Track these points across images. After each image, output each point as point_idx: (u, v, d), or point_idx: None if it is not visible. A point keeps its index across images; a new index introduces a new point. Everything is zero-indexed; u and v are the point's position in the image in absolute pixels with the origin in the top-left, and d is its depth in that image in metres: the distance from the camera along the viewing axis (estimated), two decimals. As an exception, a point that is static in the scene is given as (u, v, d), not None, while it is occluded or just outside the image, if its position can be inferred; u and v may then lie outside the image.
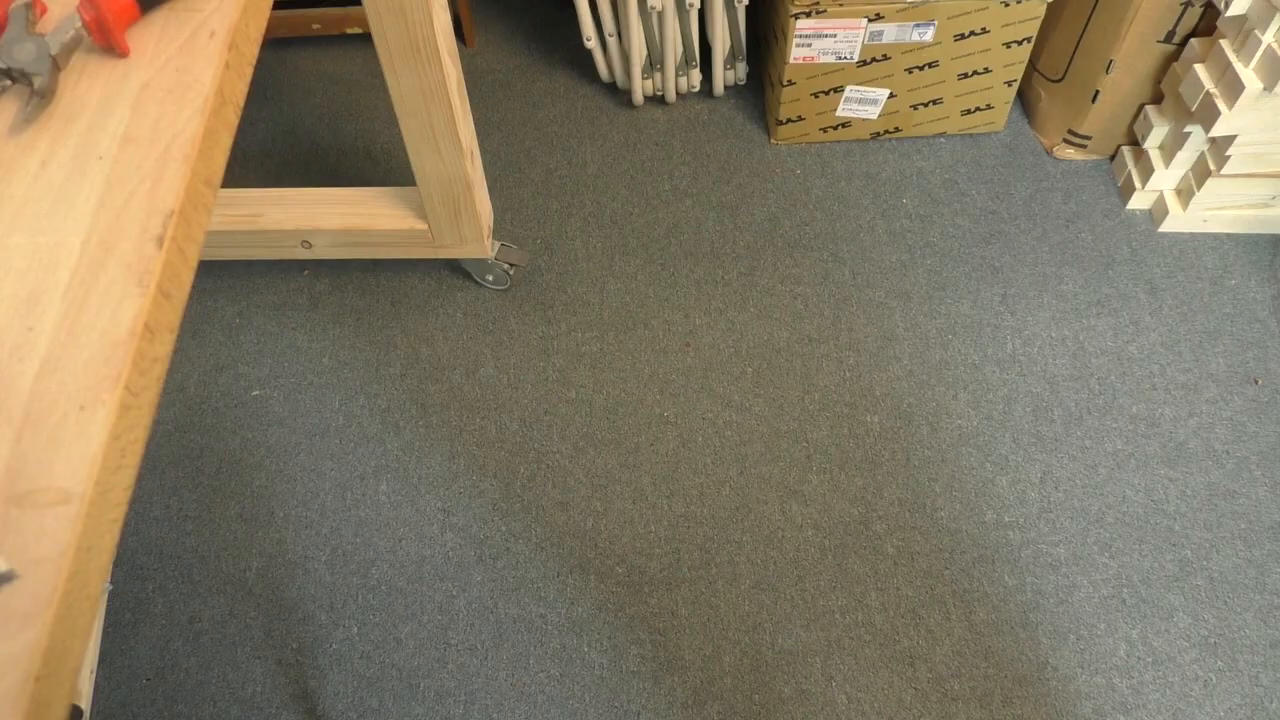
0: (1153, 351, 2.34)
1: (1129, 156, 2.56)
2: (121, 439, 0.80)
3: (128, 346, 0.81)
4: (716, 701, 1.98)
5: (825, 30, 2.40)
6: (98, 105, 0.96)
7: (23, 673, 0.70)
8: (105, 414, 0.79)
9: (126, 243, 0.87)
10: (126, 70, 0.98)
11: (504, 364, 2.37)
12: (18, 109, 0.96)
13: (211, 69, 0.96)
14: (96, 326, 0.83)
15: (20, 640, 0.71)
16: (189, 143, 0.92)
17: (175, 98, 0.95)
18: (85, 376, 0.81)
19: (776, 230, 2.55)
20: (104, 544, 0.78)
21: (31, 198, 0.90)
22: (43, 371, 0.81)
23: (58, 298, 0.84)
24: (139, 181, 0.90)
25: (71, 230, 0.88)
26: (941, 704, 1.97)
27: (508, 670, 2.03)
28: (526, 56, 2.95)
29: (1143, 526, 2.14)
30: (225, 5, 1.01)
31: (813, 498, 2.18)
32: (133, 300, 0.84)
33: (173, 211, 0.88)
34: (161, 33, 1.00)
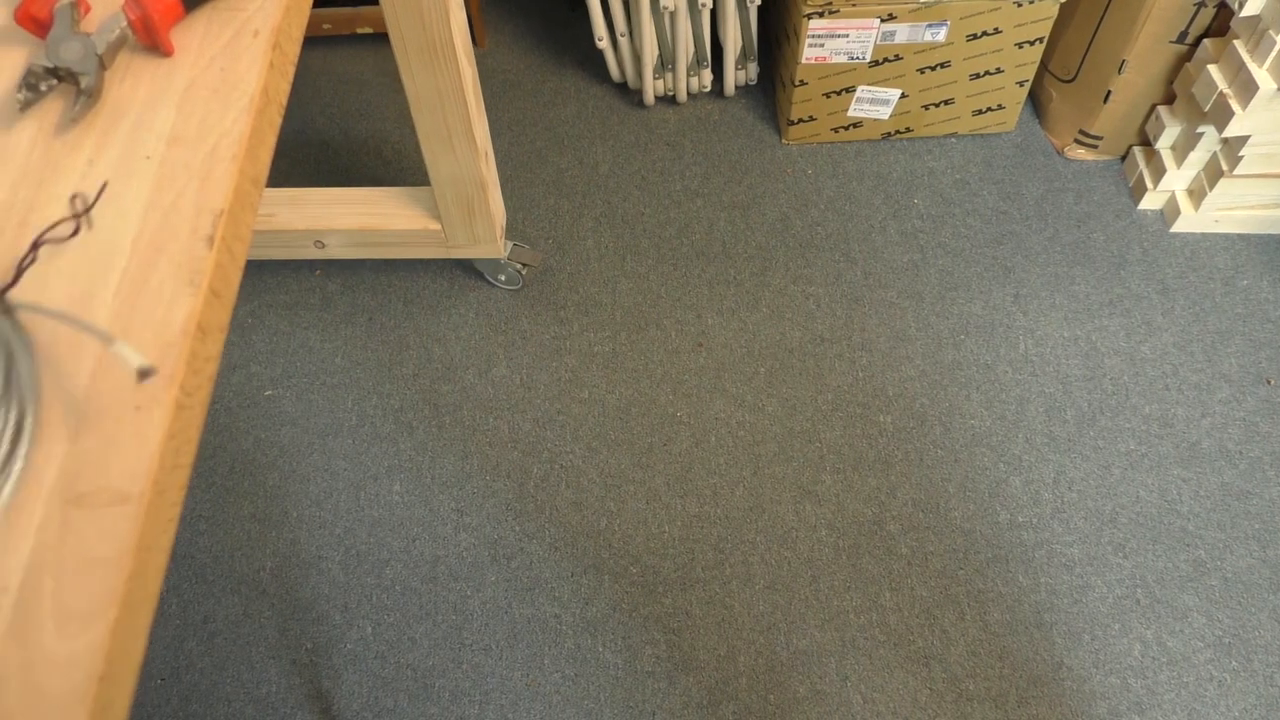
0: (1165, 352, 2.34)
1: (1140, 157, 2.56)
2: (176, 439, 0.80)
3: (181, 346, 0.81)
4: (731, 702, 1.98)
5: (838, 30, 2.40)
6: (143, 104, 0.96)
7: (86, 673, 0.70)
8: (161, 414, 0.79)
9: (176, 242, 0.87)
10: (171, 69, 0.98)
11: (517, 364, 2.37)
12: (63, 108, 0.96)
13: (256, 68, 0.96)
14: (149, 326, 0.83)
15: (83, 641, 0.71)
16: (236, 142, 0.92)
17: (220, 97, 0.95)
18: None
19: (788, 230, 2.55)
20: (162, 543, 0.78)
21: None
22: (97, 371, 0.81)
23: (109, 297, 0.84)
24: (187, 181, 0.90)
25: (122, 230, 0.88)
26: (957, 704, 1.97)
27: (522, 670, 2.02)
28: (537, 56, 2.95)
29: (1156, 527, 2.13)
30: (268, 5, 1.01)
31: (826, 498, 2.18)
32: (184, 300, 0.84)
33: (222, 211, 0.88)
34: (205, 32, 1.00)
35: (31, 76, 0.93)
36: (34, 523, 0.75)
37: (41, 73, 0.93)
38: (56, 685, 0.70)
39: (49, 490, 0.76)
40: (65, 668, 0.70)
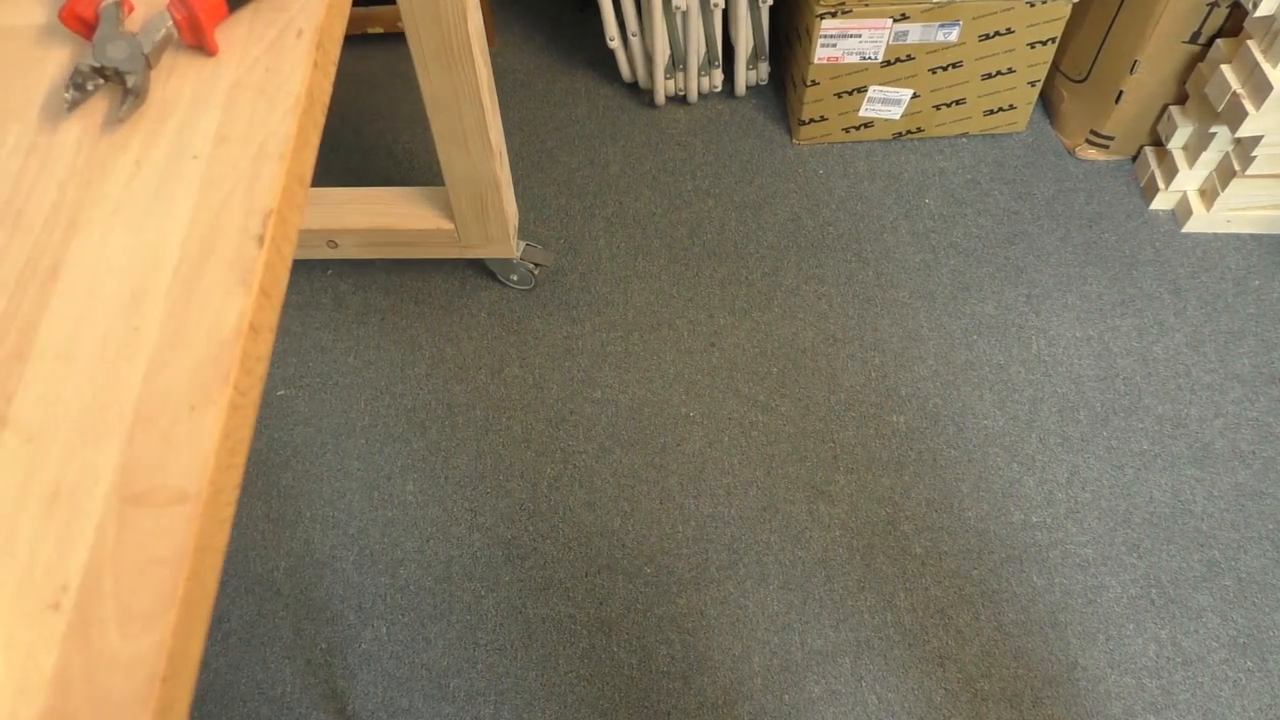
0: (1177, 352, 2.34)
1: (1152, 157, 2.56)
2: (231, 438, 0.79)
3: (234, 346, 0.81)
4: (747, 701, 1.98)
5: (850, 30, 2.40)
6: (189, 104, 0.95)
7: (149, 674, 0.70)
8: (216, 413, 0.79)
9: (227, 242, 0.86)
10: (216, 69, 0.98)
11: (529, 364, 2.37)
12: (109, 108, 0.96)
13: (301, 68, 0.96)
14: (202, 326, 0.82)
15: (145, 641, 0.71)
16: (283, 142, 0.91)
17: (266, 97, 0.95)
18: (194, 376, 0.80)
19: (799, 230, 2.55)
20: (217, 543, 0.77)
21: (128, 196, 0.90)
22: (150, 371, 0.81)
23: (161, 297, 0.84)
24: (235, 181, 0.90)
25: (171, 229, 0.87)
26: (972, 704, 1.97)
27: (537, 670, 2.02)
28: (547, 56, 2.95)
29: (1170, 527, 2.14)
30: (311, 4, 1.00)
31: (840, 498, 2.18)
32: (236, 299, 0.83)
33: (271, 211, 0.87)
34: (248, 32, 1.00)
35: (78, 76, 0.93)
36: (92, 521, 0.75)
37: (88, 72, 0.93)
38: (119, 686, 0.70)
39: (106, 488, 0.76)
40: (128, 668, 0.70)
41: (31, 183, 0.91)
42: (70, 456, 0.78)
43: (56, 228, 0.89)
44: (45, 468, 0.77)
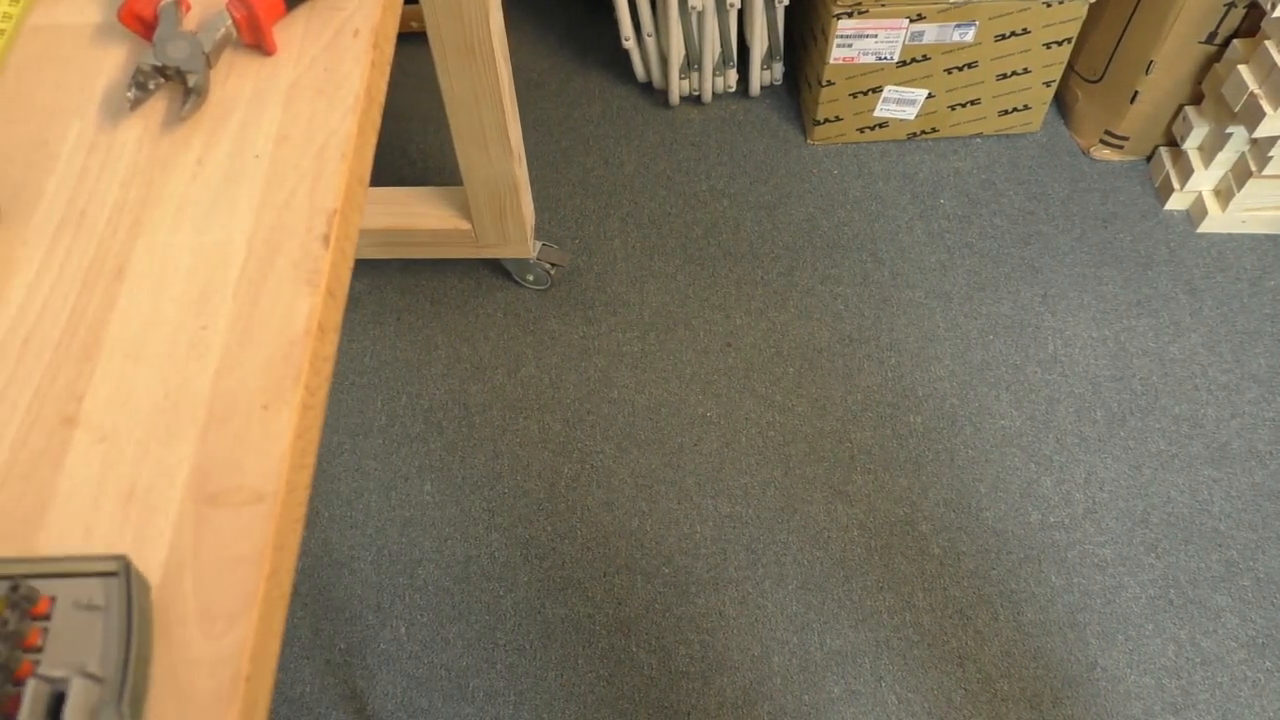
0: (1194, 352, 2.35)
1: (1166, 157, 2.56)
2: (303, 438, 0.79)
3: (303, 346, 0.81)
4: (766, 702, 1.98)
5: (866, 30, 2.40)
6: (248, 103, 0.95)
7: (233, 673, 0.70)
8: (289, 413, 0.79)
9: (292, 241, 0.86)
10: (274, 68, 0.97)
11: (545, 364, 2.37)
12: (168, 107, 0.96)
13: (360, 68, 0.96)
14: (271, 325, 0.82)
15: (227, 641, 0.71)
16: (345, 141, 0.91)
17: (326, 97, 0.95)
18: (265, 376, 0.80)
19: (815, 230, 2.55)
20: (292, 543, 0.77)
21: (191, 196, 0.90)
22: (221, 370, 0.81)
23: (229, 296, 0.84)
24: (298, 180, 0.89)
25: (236, 228, 0.87)
26: (991, 704, 1.97)
27: (556, 670, 2.02)
28: (560, 56, 2.95)
29: (1188, 527, 2.14)
30: (367, 4, 1.00)
31: (858, 498, 2.18)
32: (304, 299, 0.83)
33: (335, 210, 0.87)
34: (305, 31, 1.00)
35: (140, 75, 0.93)
36: (169, 521, 0.75)
37: (150, 71, 0.93)
38: (204, 686, 0.70)
39: (182, 488, 0.76)
40: (212, 668, 0.70)
41: (94, 181, 0.91)
42: (144, 456, 0.78)
43: (120, 226, 0.88)
44: (119, 467, 0.77)
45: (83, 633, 0.70)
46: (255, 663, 0.71)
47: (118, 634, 0.69)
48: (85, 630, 0.70)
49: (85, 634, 0.70)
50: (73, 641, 0.70)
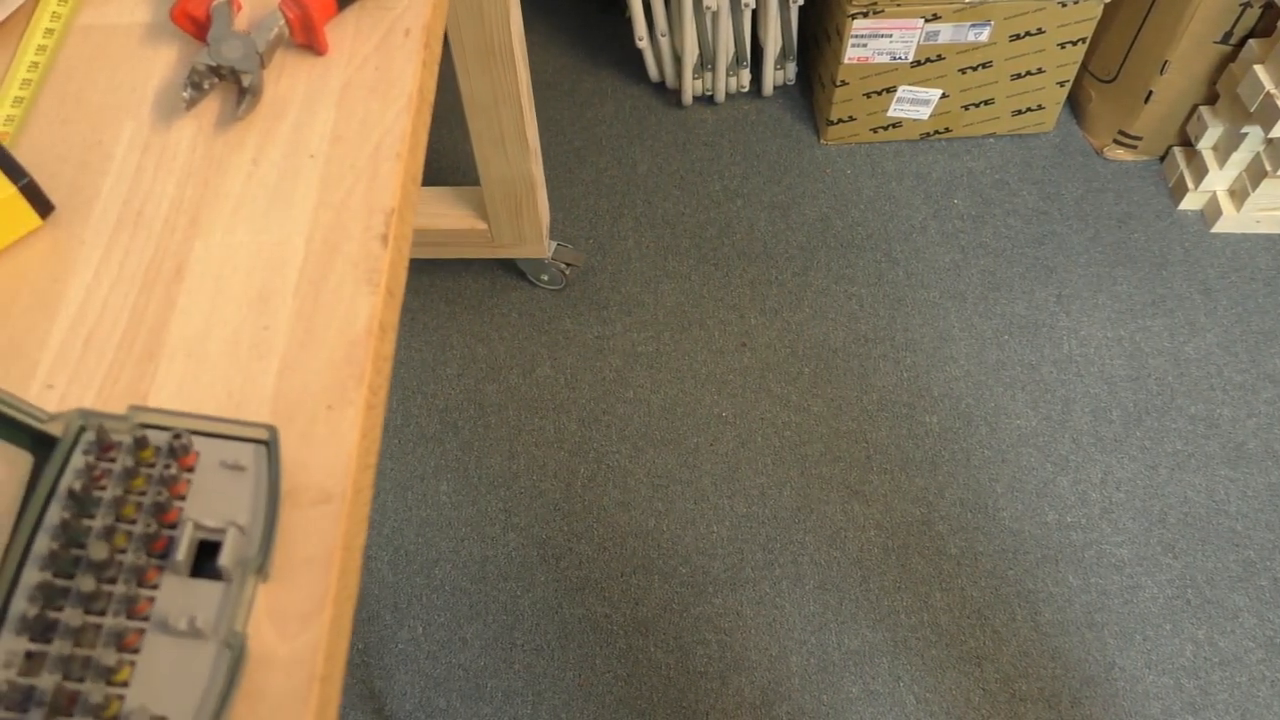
0: (1209, 352, 2.35)
1: (1180, 157, 2.56)
2: (367, 438, 0.79)
3: (366, 345, 0.81)
4: (785, 702, 1.98)
5: (882, 30, 2.40)
6: (301, 103, 0.95)
7: (307, 674, 0.70)
8: (354, 413, 0.79)
9: (351, 241, 0.86)
10: (326, 68, 0.97)
11: (560, 364, 2.36)
12: (220, 106, 0.95)
13: (411, 67, 0.96)
14: (332, 325, 0.82)
15: (301, 641, 0.71)
16: (399, 141, 0.91)
17: (379, 96, 0.95)
18: (328, 375, 0.80)
19: (829, 230, 2.55)
20: (359, 543, 0.77)
21: (248, 195, 0.89)
22: (283, 370, 0.81)
23: (289, 296, 0.84)
24: (354, 180, 0.89)
25: (294, 228, 0.87)
26: (1010, 704, 1.97)
27: (574, 670, 2.02)
28: (572, 56, 2.95)
29: (1205, 527, 2.14)
30: (416, 3, 1.00)
31: (874, 498, 2.18)
32: (365, 298, 0.83)
33: (393, 210, 0.87)
34: (355, 31, 0.99)
35: (195, 75, 0.93)
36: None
37: (205, 71, 0.93)
38: (278, 686, 0.69)
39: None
40: (287, 668, 0.70)
41: (150, 181, 0.91)
42: (210, 456, 0.78)
43: (178, 226, 0.88)
44: (186, 467, 0.77)
45: (225, 490, 0.74)
46: (329, 663, 0.71)
47: (263, 495, 0.73)
48: (227, 488, 0.74)
49: (227, 491, 0.74)
50: (215, 496, 0.73)
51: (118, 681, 0.67)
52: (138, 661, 0.68)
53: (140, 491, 0.73)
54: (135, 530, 0.71)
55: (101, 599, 0.69)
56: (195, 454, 0.74)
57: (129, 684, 0.67)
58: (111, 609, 0.69)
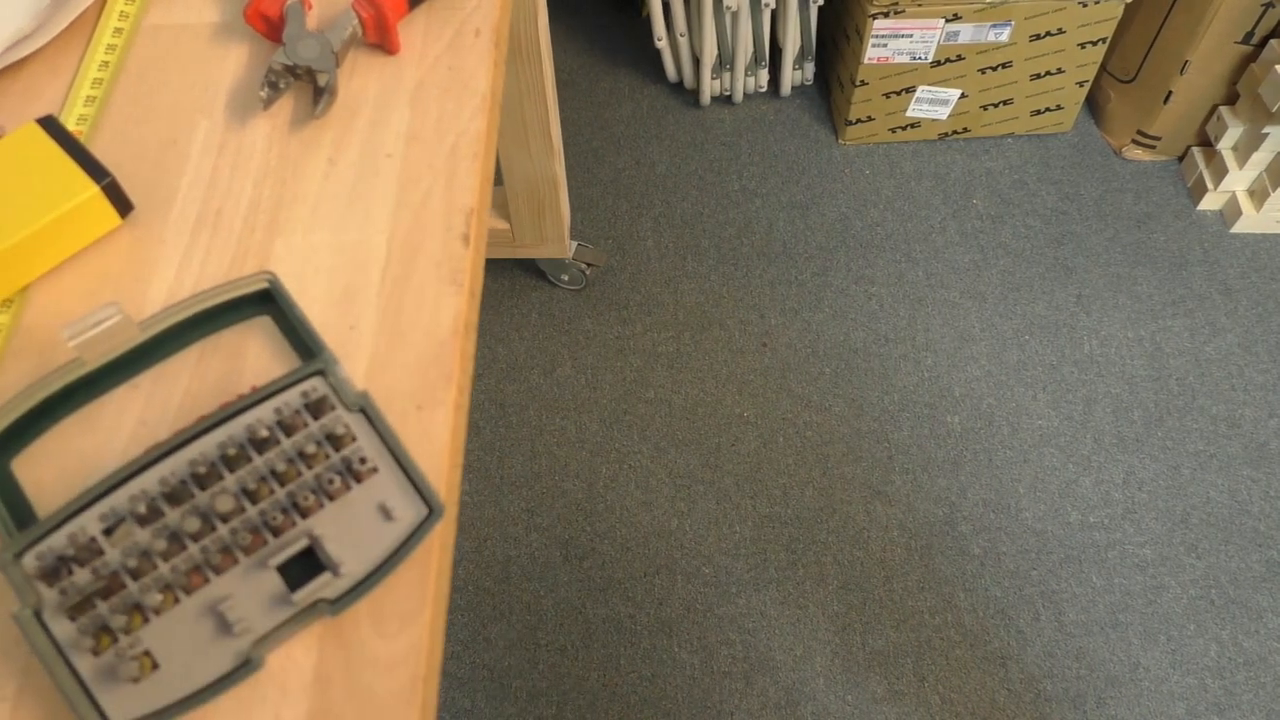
0: (1230, 352, 2.35)
1: (1200, 157, 2.56)
2: (456, 438, 0.79)
3: (452, 346, 0.81)
4: (810, 702, 1.98)
5: (902, 30, 2.39)
6: (375, 103, 0.95)
7: (410, 674, 0.70)
8: (444, 414, 0.79)
9: (432, 241, 0.86)
10: (398, 68, 0.97)
11: (581, 364, 2.36)
12: (293, 107, 0.95)
13: (484, 67, 0.96)
14: (418, 325, 0.82)
15: (402, 640, 0.71)
16: (475, 141, 0.91)
17: (453, 96, 0.95)
18: (416, 376, 0.80)
19: (848, 230, 2.55)
20: (450, 543, 0.77)
21: (326, 195, 0.89)
22: (371, 370, 0.81)
23: (373, 296, 0.84)
24: (433, 180, 0.89)
25: (374, 228, 0.87)
26: (1035, 704, 1.97)
27: (599, 670, 2.02)
28: (589, 56, 2.94)
29: (1228, 527, 2.14)
30: (485, 4, 1.00)
31: (897, 498, 2.18)
32: (450, 298, 0.83)
33: (472, 210, 0.87)
34: (425, 31, 0.99)
35: (271, 75, 0.93)
36: (332, 521, 0.74)
37: (281, 70, 0.93)
38: (382, 686, 0.69)
39: (343, 488, 0.76)
40: (389, 669, 0.70)
41: (227, 181, 0.91)
42: (301, 456, 0.77)
43: (257, 226, 0.88)
44: (277, 468, 0.77)
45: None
46: (430, 663, 0.71)
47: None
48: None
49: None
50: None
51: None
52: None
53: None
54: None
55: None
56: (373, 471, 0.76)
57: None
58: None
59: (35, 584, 0.68)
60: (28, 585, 0.68)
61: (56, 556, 0.68)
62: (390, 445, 0.74)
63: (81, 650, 0.67)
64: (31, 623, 0.67)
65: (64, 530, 0.68)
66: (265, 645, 0.69)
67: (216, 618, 0.69)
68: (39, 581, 0.68)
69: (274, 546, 0.71)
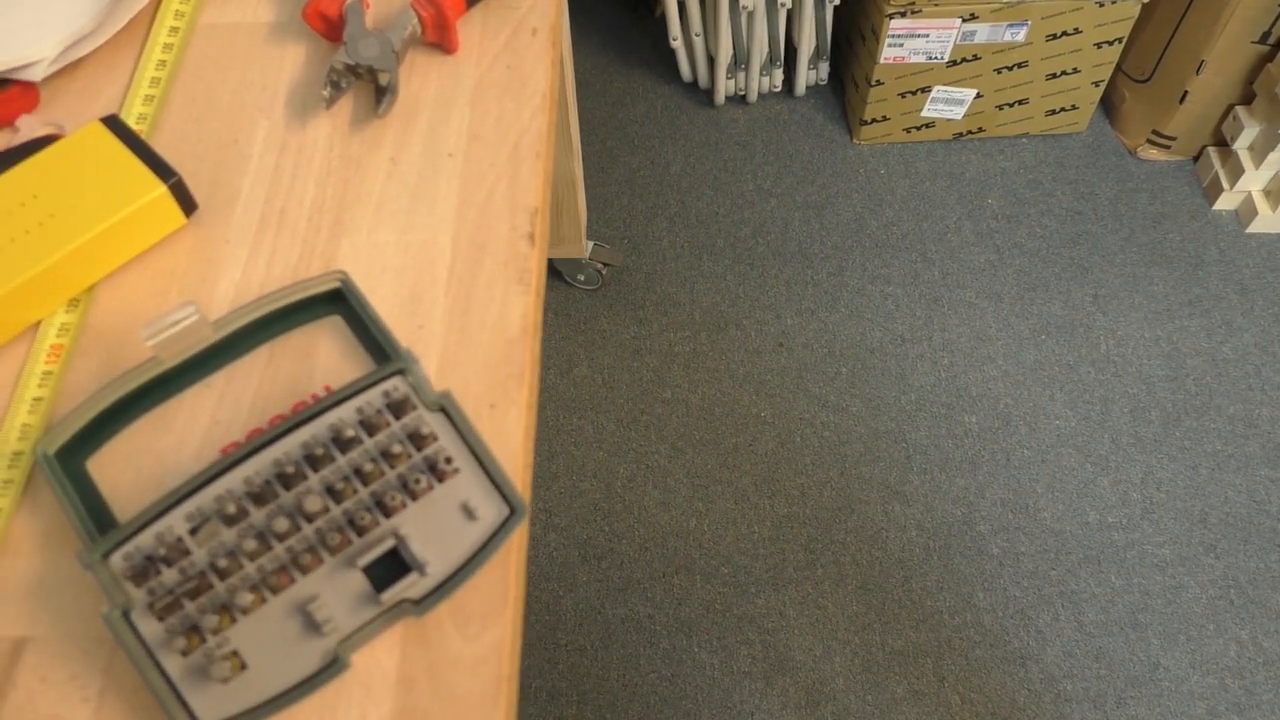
0: (1247, 352, 2.35)
1: (1215, 157, 2.56)
2: (528, 436, 0.79)
3: (522, 345, 0.81)
4: (830, 702, 1.98)
5: (918, 30, 2.39)
6: (434, 101, 0.95)
7: (495, 674, 0.70)
8: (518, 413, 0.79)
9: (497, 240, 0.86)
10: (455, 66, 0.97)
11: (597, 364, 2.36)
12: (352, 106, 0.95)
13: (542, 66, 0.96)
14: (487, 324, 0.82)
15: (485, 641, 0.71)
16: (537, 140, 0.91)
17: (512, 95, 0.95)
18: (487, 375, 0.80)
19: (863, 230, 2.55)
20: (526, 542, 0.77)
21: (389, 195, 0.89)
22: (442, 370, 0.81)
23: (440, 295, 0.84)
24: (495, 179, 0.89)
25: (439, 227, 0.87)
26: (1055, 704, 1.97)
27: (618, 671, 2.02)
28: (603, 56, 2.94)
29: (1247, 527, 2.14)
30: (541, 2, 1.00)
31: (915, 498, 2.18)
32: (518, 298, 0.83)
33: (537, 209, 0.87)
34: (482, 30, 0.99)
35: (333, 74, 0.93)
36: (410, 522, 0.74)
37: (343, 70, 0.93)
38: (466, 687, 0.69)
39: (422, 488, 0.75)
40: (473, 669, 0.70)
41: (289, 180, 0.91)
42: (376, 457, 0.77)
43: (322, 225, 0.88)
44: (351, 469, 0.77)
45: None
46: (511, 663, 0.71)
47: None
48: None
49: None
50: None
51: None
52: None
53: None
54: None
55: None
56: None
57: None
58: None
59: (124, 584, 0.68)
60: (116, 585, 0.68)
61: (144, 556, 0.68)
62: (471, 444, 0.73)
63: (170, 650, 0.67)
64: (121, 623, 0.67)
65: (151, 530, 0.68)
66: (350, 645, 0.69)
67: (303, 617, 0.69)
68: (127, 582, 0.68)
69: (359, 546, 0.71)
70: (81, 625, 0.72)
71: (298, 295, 0.80)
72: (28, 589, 0.73)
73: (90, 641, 0.71)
